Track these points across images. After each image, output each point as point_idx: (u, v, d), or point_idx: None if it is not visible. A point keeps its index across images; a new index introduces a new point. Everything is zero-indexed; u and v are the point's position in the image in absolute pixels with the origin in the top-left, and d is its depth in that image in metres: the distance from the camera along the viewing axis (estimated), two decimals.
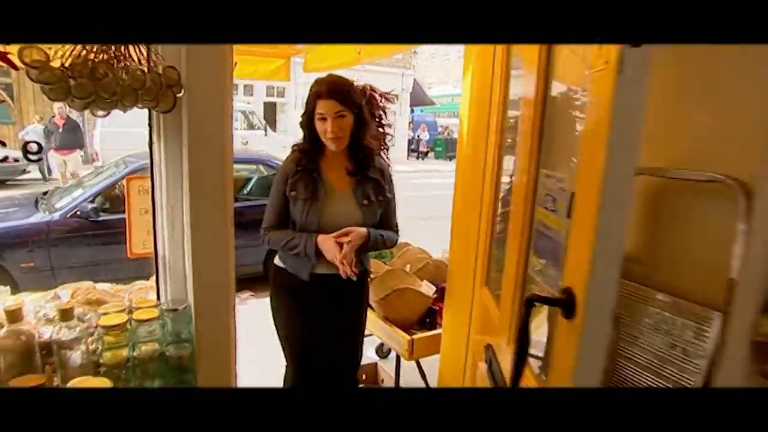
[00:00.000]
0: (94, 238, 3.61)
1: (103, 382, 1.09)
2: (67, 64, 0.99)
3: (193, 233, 1.25)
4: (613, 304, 0.76)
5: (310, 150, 1.65)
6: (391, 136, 2.69)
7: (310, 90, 1.59)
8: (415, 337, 2.15)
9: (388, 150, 2.64)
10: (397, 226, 1.80)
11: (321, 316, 1.70)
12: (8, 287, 1.57)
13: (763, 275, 0.71)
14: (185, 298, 1.35)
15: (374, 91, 2.57)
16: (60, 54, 0.98)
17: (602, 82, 0.72)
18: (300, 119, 1.65)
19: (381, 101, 2.60)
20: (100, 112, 1.04)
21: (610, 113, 0.69)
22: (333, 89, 1.55)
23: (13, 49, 1.00)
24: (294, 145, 1.71)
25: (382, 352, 3.17)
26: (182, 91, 1.16)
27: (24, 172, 7.28)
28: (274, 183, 1.69)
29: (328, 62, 3.22)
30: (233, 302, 1.33)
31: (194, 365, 1.28)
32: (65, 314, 1.18)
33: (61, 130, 6.15)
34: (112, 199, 3.75)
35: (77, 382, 1.10)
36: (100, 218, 3.61)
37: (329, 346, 1.73)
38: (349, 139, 1.61)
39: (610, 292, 0.74)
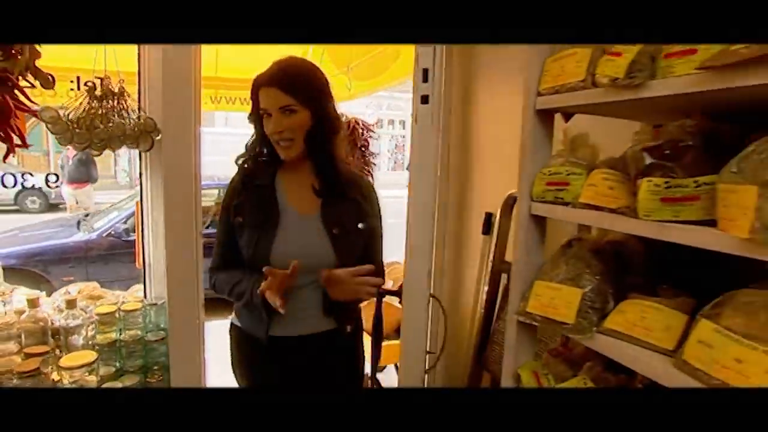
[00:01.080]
0: (125, 255, 4.15)
1: (91, 354, 1.48)
2: (72, 119, 1.42)
3: (168, 244, 1.63)
4: (426, 292, 1.05)
5: (262, 158, 1.25)
6: (375, 164, 3.04)
7: (252, 85, 1.20)
8: (383, 344, 2.43)
9: (373, 178, 2.98)
10: (381, 266, 1.32)
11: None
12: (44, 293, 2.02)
13: (522, 272, 0.98)
14: (164, 295, 1.73)
15: (357, 123, 2.95)
16: (68, 112, 1.41)
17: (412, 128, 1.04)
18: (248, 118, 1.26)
19: (364, 133, 2.96)
20: (95, 152, 1.45)
21: (411, 151, 1.00)
22: (276, 75, 1.14)
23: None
24: (239, 156, 1.28)
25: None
26: (159, 135, 1.56)
27: None
28: (221, 207, 1.28)
29: None
30: (201, 298, 1.69)
31: (167, 348, 1.65)
32: (70, 304, 1.59)
33: (70, 162, 5.86)
34: None
35: (72, 356, 1.49)
36: (131, 237, 4.15)
37: None
38: (305, 146, 1.19)
39: (423, 283, 1.04)
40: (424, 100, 0.97)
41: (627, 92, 0.73)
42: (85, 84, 1.53)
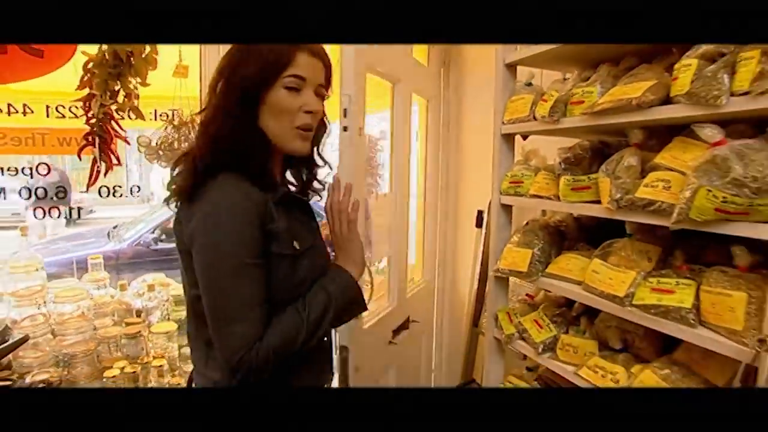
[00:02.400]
0: (153, 263, 4.67)
1: (173, 324, 1.98)
2: (159, 143, 1.95)
3: None
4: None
5: (266, 155, 0.94)
6: (380, 174, 3.56)
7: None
8: None
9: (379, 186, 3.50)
10: None
11: None
12: None
13: (496, 243, 1.49)
14: None
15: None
16: (157, 137, 1.95)
17: None
18: (236, 94, 0.89)
19: (371, 147, 3.48)
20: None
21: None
22: (320, 48, 0.94)
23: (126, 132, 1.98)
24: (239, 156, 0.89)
25: None
26: None
27: (91, 212, 8.89)
28: (226, 248, 0.84)
29: None
30: None
31: None
32: (150, 288, 2.10)
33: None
34: (168, 230, 4.83)
35: (159, 325, 1.99)
36: (158, 246, 4.68)
37: None
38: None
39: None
40: (345, 129, 1.47)
41: (549, 125, 1.25)
42: (165, 115, 2.07)
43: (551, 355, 1.31)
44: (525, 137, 1.51)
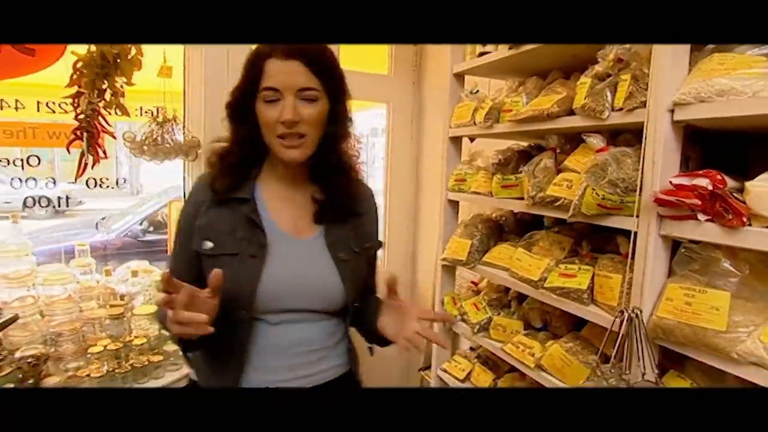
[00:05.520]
0: (140, 254, 4.84)
1: (153, 307, 2.16)
2: (143, 138, 2.12)
3: None
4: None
5: (238, 163, 0.99)
6: (362, 171, 3.72)
7: (251, 54, 0.94)
8: None
9: None
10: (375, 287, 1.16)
11: None
12: None
13: (444, 236, 1.66)
14: None
15: None
16: (141, 133, 2.11)
17: None
18: (225, 109, 0.99)
19: (354, 144, 3.65)
20: (157, 161, 2.15)
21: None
22: (295, 47, 0.90)
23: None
24: (214, 157, 1.01)
25: None
26: (201, 148, 2.26)
27: (80, 203, 9.04)
28: (177, 227, 1.00)
29: None
30: None
31: None
32: (134, 274, 2.27)
33: None
34: (155, 222, 5.01)
35: (141, 307, 2.17)
36: (146, 238, 4.85)
37: None
38: (318, 147, 0.96)
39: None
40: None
41: (485, 130, 1.43)
42: (150, 112, 2.24)
43: (485, 334, 1.50)
44: (472, 140, 1.69)
